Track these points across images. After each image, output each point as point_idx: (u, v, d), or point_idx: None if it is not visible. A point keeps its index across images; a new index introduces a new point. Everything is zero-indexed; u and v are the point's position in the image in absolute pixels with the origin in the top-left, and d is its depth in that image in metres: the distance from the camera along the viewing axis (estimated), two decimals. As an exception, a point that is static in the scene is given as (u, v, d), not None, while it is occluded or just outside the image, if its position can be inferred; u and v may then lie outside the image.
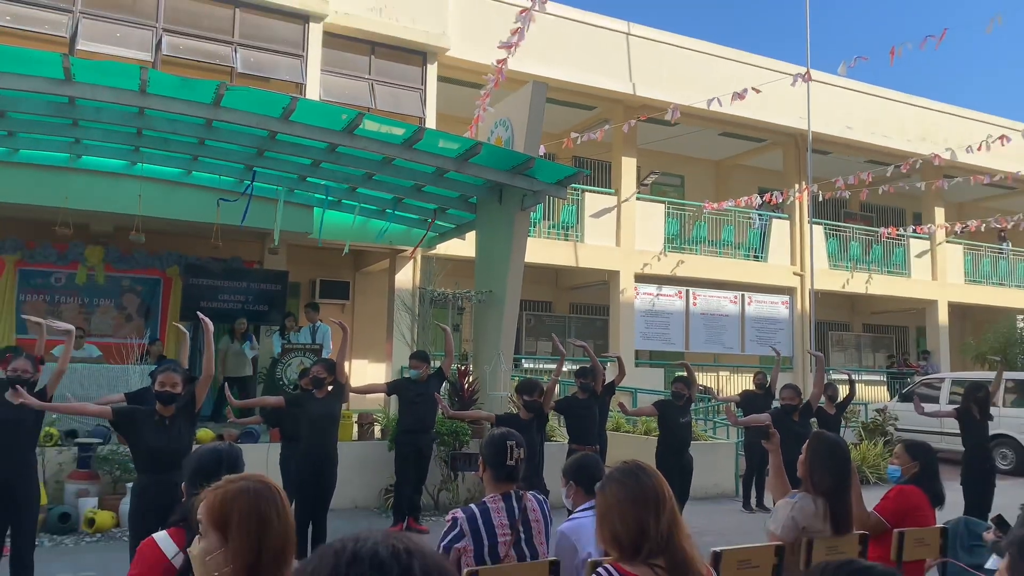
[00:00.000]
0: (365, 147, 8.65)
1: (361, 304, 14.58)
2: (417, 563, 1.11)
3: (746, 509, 9.37)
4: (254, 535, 1.83)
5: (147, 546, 2.60)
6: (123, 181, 9.86)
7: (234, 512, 1.86)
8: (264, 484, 1.91)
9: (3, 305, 10.93)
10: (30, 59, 7.02)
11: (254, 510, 1.86)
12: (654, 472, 2.49)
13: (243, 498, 1.88)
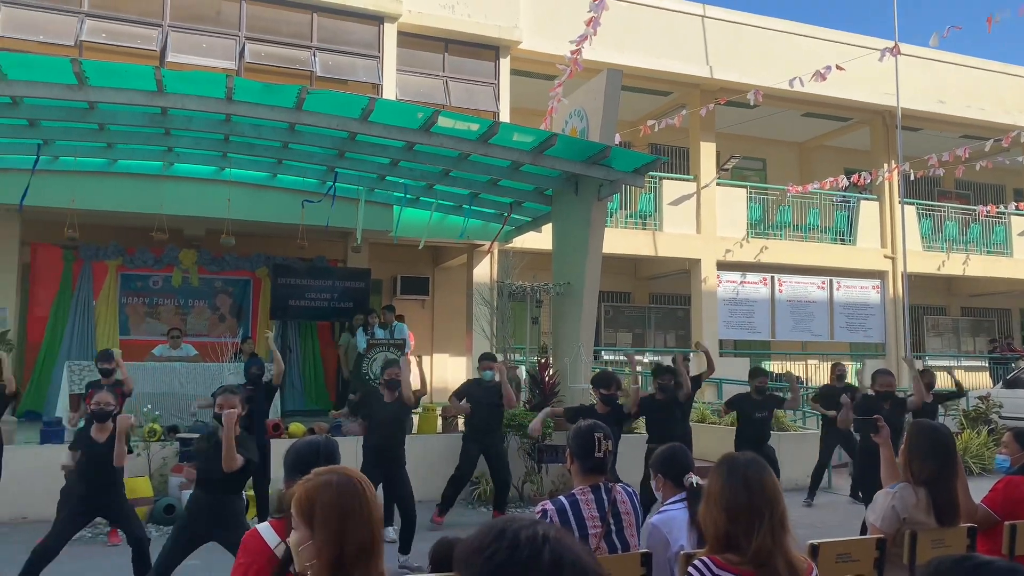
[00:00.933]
0: (441, 144, 8.75)
1: (440, 299, 14.79)
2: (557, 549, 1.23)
3: (809, 502, 9.07)
4: (336, 528, 1.86)
5: (251, 536, 2.70)
6: (213, 186, 10.28)
7: (318, 505, 1.90)
8: (349, 477, 1.94)
9: (107, 307, 11.55)
10: (125, 73, 7.37)
11: (336, 503, 1.89)
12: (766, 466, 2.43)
13: (326, 491, 1.92)
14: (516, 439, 8.86)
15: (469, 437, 7.85)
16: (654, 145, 16.30)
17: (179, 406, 9.17)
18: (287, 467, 2.76)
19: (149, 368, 9.53)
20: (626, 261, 15.48)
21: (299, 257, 12.22)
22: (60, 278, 11.41)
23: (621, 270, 15.83)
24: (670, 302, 16.86)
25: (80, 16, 10.39)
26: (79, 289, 11.46)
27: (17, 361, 10.88)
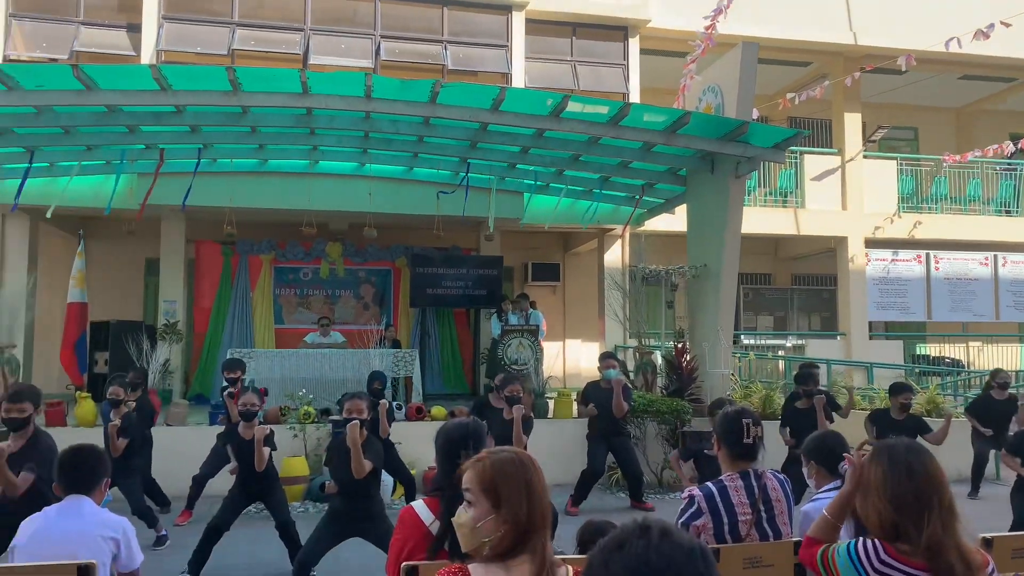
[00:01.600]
0: (571, 129, 8.73)
1: (571, 284, 14.80)
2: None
3: (973, 495, 8.39)
4: (524, 500, 1.90)
5: (408, 513, 2.82)
6: (355, 182, 10.76)
7: (504, 479, 1.94)
8: (526, 455, 1.98)
9: (263, 299, 12.37)
10: (274, 77, 7.83)
11: (521, 477, 1.93)
12: (928, 452, 2.29)
13: (511, 466, 1.96)
14: (654, 425, 8.77)
15: (593, 437, 7.83)
16: (794, 119, 15.55)
17: (330, 390, 9.69)
18: (438, 449, 2.85)
19: (302, 354, 10.14)
20: (766, 241, 14.90)
21: (435, 247, 12.60)
22: (221, 272, 12.33)
23: (761, 250, 15.26)
24: (814, 283, 16.08)
25: (231, 26, 11.12)
26: (237, 282, 12.34)
27: (185, 349, 11.87)
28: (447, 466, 2.78)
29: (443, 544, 2.73)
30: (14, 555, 2.86)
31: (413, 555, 2.74)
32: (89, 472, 3.03)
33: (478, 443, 2.81)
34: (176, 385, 11.23)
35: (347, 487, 4.63)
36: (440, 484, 2.81)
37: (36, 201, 9.80)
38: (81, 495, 2.99)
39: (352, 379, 9.97)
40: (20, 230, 11.24)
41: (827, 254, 14.59)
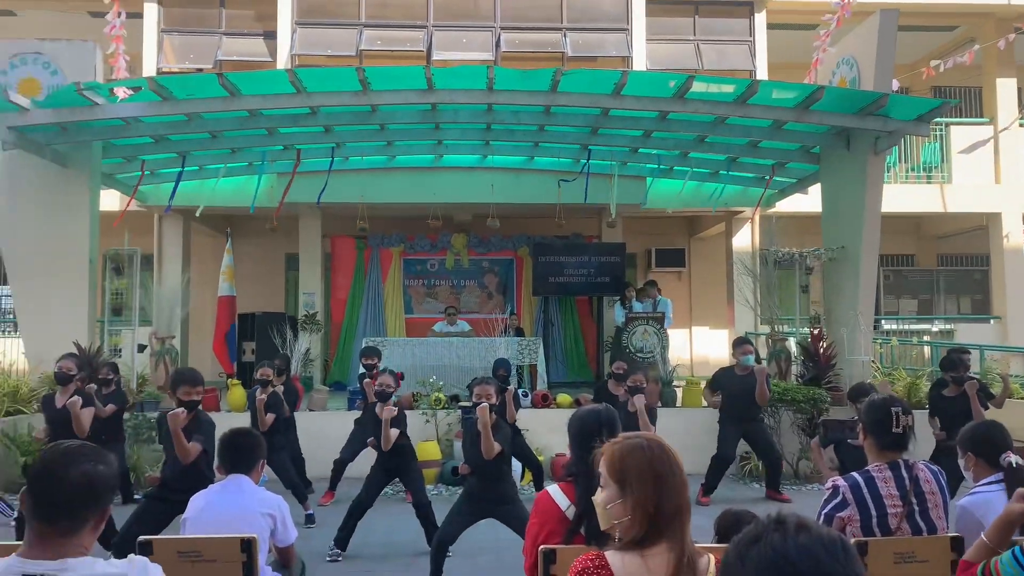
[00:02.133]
0: (696, 110, 8.51)
1: (697, 270, 14.46)
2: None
3: None
4: (650, 488, 1.90)
5: (543, 498, 2.87)
6: (477, 174, 10.96)
7: (631, 466, 1.95)
8: (659, 443, 1.97)
9: (393, 290, 12.84)
10: (400, 75, 8.08)
11: (649, 465, 1.93)
12: None
13: (638, 453, 1.96)
14: (789, 414, 8.46)
15: (726, 420, 7.62)
16: (938, 88, 14.46)
17: (458, 377, 9.94)
18: (572, 435, 2.88)
19: (431, 343, 10.45)
20: (908, 220, 14.00)
21: (557, 235, 12.63)
22: (354, 265, 12.88)
23: (902, 230, 14.35)
24: (963, 263, 14.95)
25: (359, 27, 11.55)
26: (369, 274, 12.86)
27: (324, 339, 12.49)
28: (581, 452, 2.80)
29: (579, 529, 2.76)
30: (185, 527, 3.13)
31: (549, 539, 2.78)
32: (248, 453, 3.26)
33: (611, 430, 2.81)
34: (316, 372, 11.84)
35: (480, 468, 4.75)
36: (575, 470, 2.84)
37: (187, 202, 10.59)
38: (241, 474, 3.23)
39: (479, 367, 10.18)
40: (174, 230, 12.18)
41: (977, 232, 13.55)
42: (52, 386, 8.33)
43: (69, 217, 8.96)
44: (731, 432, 7.50)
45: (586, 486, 2.78)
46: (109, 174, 9.99)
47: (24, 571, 1.78)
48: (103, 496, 1.88)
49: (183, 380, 4.67)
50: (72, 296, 8.90)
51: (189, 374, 4.76)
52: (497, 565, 5.45)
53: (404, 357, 10.18)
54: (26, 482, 1.86)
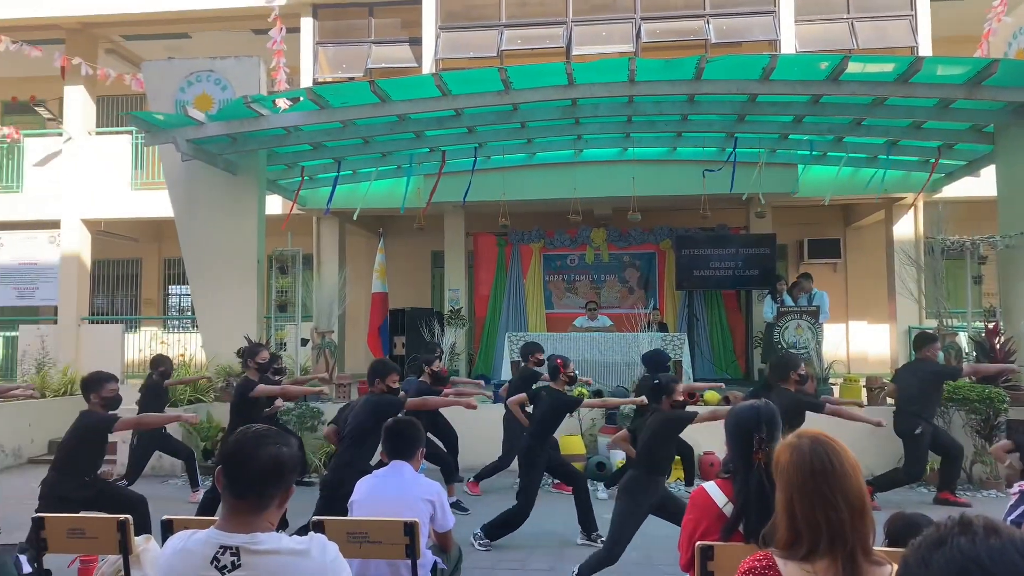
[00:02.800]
0: (852, 92, 8.06)
1: (854, 261, 13.67)
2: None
3: None
4: (799, 489, 1.82)
5: (700, 494, 2.82)
6: (618, 167, 10.88)
7: (783, 464, 1.88)
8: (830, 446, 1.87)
9: (534, 285, 12.99)
10: (541, 73, 8.15)
11: (800, 465, 1.85)
12: None
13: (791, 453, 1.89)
14: (961, 415, 7.85)
15: (923, 435, 7.10)
16: None
17: (600, 372, 9.93)
18: (729, 432, 2.81)
19: (573, 338, 10.48)
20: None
21: (701, 227, 12.32)
22: (496, 261, 13.15)
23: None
24: None
25: (499, 28, 11.75)
26: (511, 270, 13.08)
27: (468, 334, 12.83)
28: (739, 449, 2.73)
29: (737, 526, 2.70)
30: (353, 510, 3.32)
31: (706, 536, 2.74)
32: (408, 441, 3.42)
33: (771, 427, 2.73)
34: (462, 366, 12.18)
35: (641, 460, 4.71)
36: (732, 466, 2.77)
37: (343, 205, 11.20)
38: (402, 461, 3.39)
39: (621, 362, 10.12)
40: (331, 231, 12.91)
41: None
42: (227, 377, 9.07)
43: (239, 221, 9.72)
44: (925, 449, 7.05)
45: (744, 483, 2.71)
46: (273, 180, 10.73)
47: (222, 542, 1.95)
48: (287, 476, 2.03)
49: (391, 369, 5.08)
50: (242, 294, 9.64)
51: (389, 364, 5.13)
52: (645, 561, 5.40)
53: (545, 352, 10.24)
54: (220, 461, 2.05)
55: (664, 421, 4.49)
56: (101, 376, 5.04)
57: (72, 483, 4.77)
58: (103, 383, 4.98)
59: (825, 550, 1.77)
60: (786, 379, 5.75)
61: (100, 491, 4.91)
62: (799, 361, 5.98)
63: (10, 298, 13.14)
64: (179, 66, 9.93)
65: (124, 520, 3.12)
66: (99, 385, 4.97)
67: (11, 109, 15.37)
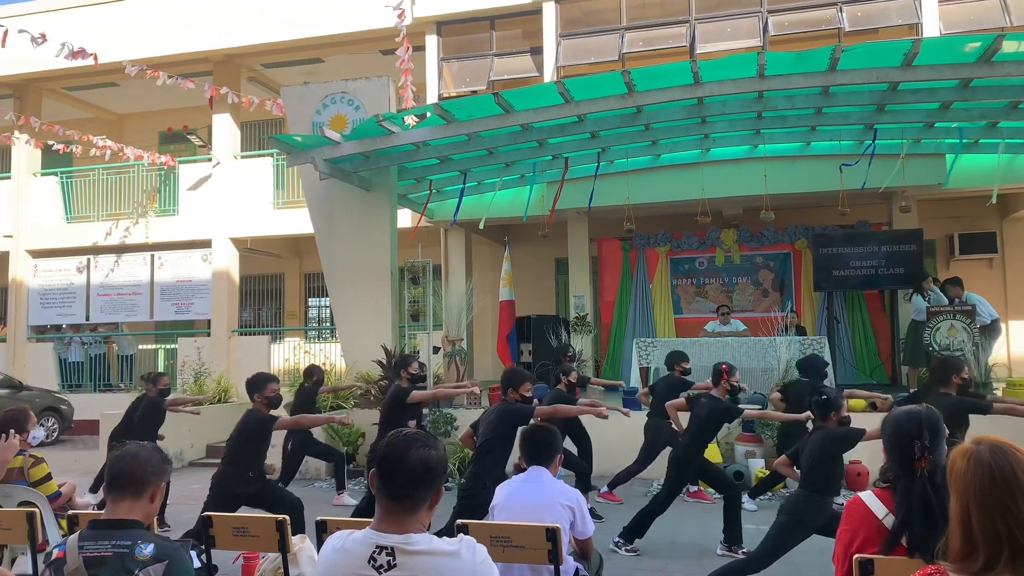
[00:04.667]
0: (1007, 73, 7.44)
1: (1013, 256, 12.63)
2: None
3: None
4: (977, 497, 1.68)
5: (856, 505, 2.67)
6: (747, 165, 10.55)
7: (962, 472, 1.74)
8: (1001, 448, 1.72)
9: (661, 290, 12.76)
10: (666, 73, 8.01)
11: (978, 472, 1.71)
12: None
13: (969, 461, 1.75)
14: None
15: None
16: None
17: (736, 378, 9.59)
18: (886, 438, 2.65)
19: (704, 343, 10.22)
20: None
21: (839, 225, 11.73)
22: (621, 267, 13.02)
23: None
24: None
25: (620, 32, 11.67)
26: (636, 275, 12.91)
27: (594, 341, 12.77)
28: (900, 457, 2.57)
29: (899, 539, 2.54)
30: (494, 514, 3.37)
31: (863, 549, 2.59)
32: (545, 447, 3.44)
33: (934, 433, 2.55)
34: (588, 373, 12.12)
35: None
36: (892, 475, 2.61)
37: (468, 216, 11.44)
38: (541, 467, 3.41)
39: (757, 368, 9.76)
40: (458, 241, 13.23)
41: None
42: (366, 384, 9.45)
43: (374, 235, 10.13)
44: None
45: (906, 493, 2.55)
46: (403, 195, 11.12)
47: (378, 542, 2.03)
48: (437, 478, 2.09)
49: (524, 378, 5.18)
50: (378, 305, 10.03)
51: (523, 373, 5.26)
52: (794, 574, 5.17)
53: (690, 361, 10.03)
54: (374, 464, 2.13)
55: (832, 439, 4.28)
56: (264, 377, 5.38)
57: (239, 478, 5.11)
58: (266, 383, 5.32)
59: (1005, 566, 1.62)
60: (947, 383, 5.37)
61: (262, 488, 5.23)
62: (962, 364, 5.56)
63: (169, 313, 14.27)
64: (315, 90, 10.48)
65: (282, 520, 3.30)
66: (262, 386, 5.31)
67: (167, 139, 16.73)
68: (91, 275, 14.59)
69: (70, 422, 12.71)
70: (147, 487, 2.44)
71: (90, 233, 14.66)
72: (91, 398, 13.46)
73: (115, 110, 17.42)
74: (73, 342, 14.64)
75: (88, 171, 15.11)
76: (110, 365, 14.75)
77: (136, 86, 14.49)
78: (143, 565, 2.29)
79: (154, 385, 7.37)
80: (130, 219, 14.53)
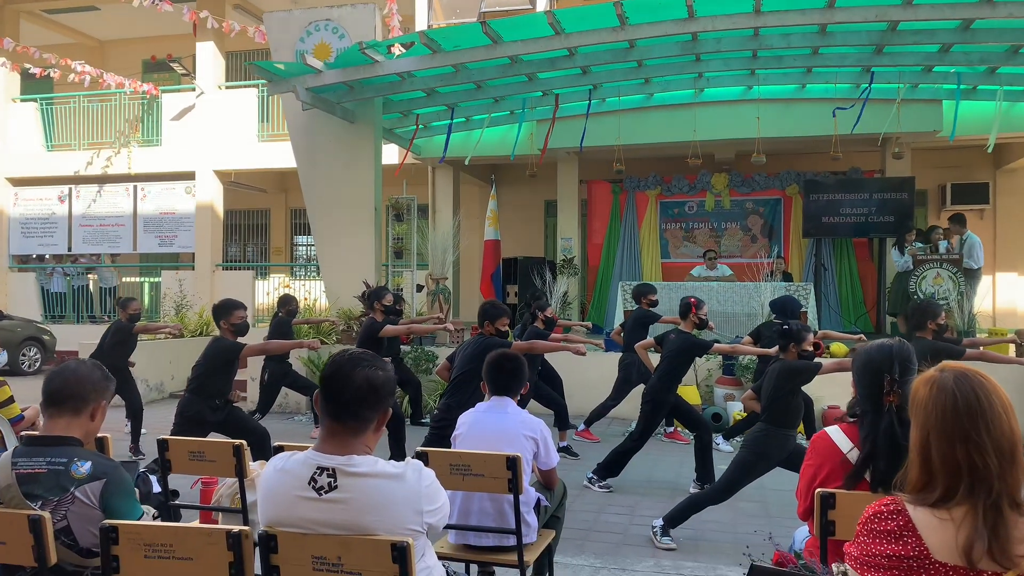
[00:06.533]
0: (1010, 14, 7.20)
1: (1005, 207, 12.54)
2: None
3: None
4: (938, 425, 1.61)
5: (821, 438, 2.62)
6: (741, 107, 10.32)
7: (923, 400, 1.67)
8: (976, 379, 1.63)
9: (649, 234, 12.63)
10: (659, 5, 7.72)
11: (941, 400, 1.63)
12: None
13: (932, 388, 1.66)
14: None
15: None
16: None
17: (719, 323, 9.56)
18: (856, 371, 2.58)
19: (690, 288, 10.11)
20: None
21: (831, 171, 11.57)
22: (610, 210, 12.86)
23: None
24: None
25: (616, -35, 11.26)
26: (625, 218, 12.75)
27: (580, 283, 12.69)
28: (867, 391, 2.50)
29: (863, 474, 2.49)
30: (455, 443, 3.31)
31: (827, 483, 2.55)
32: (511, 377, 3.36)
33: (905, 368, 2.48)
34: (574, 315, 12.09)
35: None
36: (860, 409, 2.54)
37: (457, 153, 11.22)
38: (505, 397, 3.34)
39: (741, 313, 9.71)
40: (445, 179, 13.01)
41: None
42: (348, 320, 9.37)
43: (358, 169, 9.92)
44: None
45: (872, 428, 2.48)
46: (389, 129, 10.87)
47: (319, 463, 1.95)
48: (383, 399, 2.00)
49: (501, 312, 5.29)
50: (361, 241, 9.88)
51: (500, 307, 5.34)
52: (762, 512, 5.19)
53: (661, 302, 9.99)
54: (319, 384, 2.04)
55: (787, 371, 4.22)
56: (230, 303, 5.27)
57: (204, 405, 5.06)
58: (232, 309, 5.21)
59: (964, 496, 1.56)
60: (923, 328, 5.32)
61: (229, 415, 5.18)
62: (939, 309, 5.49)
63: (152, 245, 14.09)
64: (299, 16, 10.13)
65: (239, 445, 3.24)
66: (229, 312, 5.20)
67: (150, 68, 16.27)
68: (73, 205, 14.34)
69: (52, 352, 12.63)
70: (87, 404, 2.35)
71: (71, 162, 14.36)
72: (74, 329, 13.35)
73: (97, 36, 16.90)
74: (55, 272, 14.48)
75: (69, 98, 14.72)
76: (93, 296, 14.62)
77: (118, 10, 14.03)
78: (79, 483, 2.21)
79: (124, 310, 7.26)
80: (112, 149, 14.22)
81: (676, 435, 7.58)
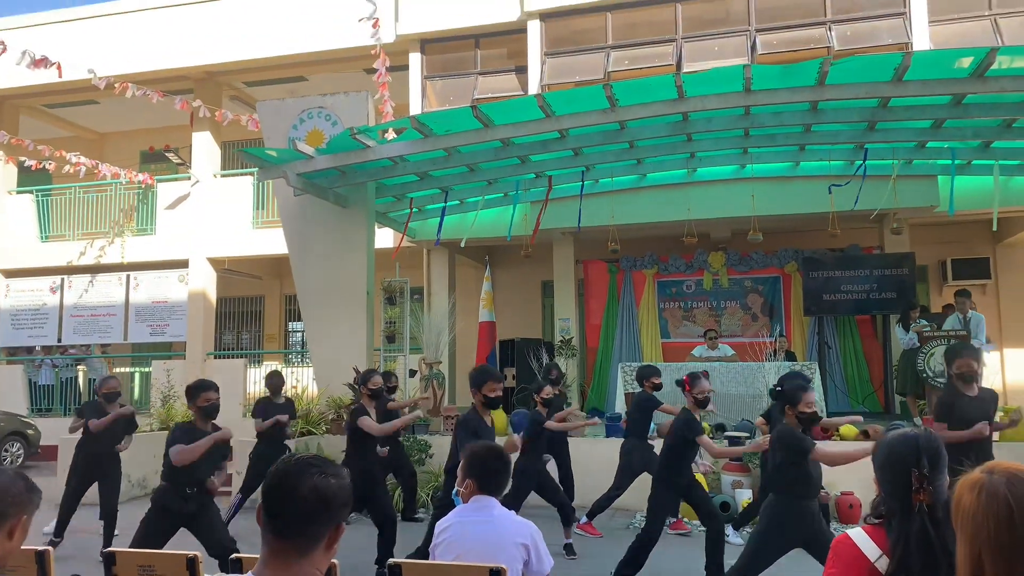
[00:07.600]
0: (1001, 88, 7.21)
1: (1008, 282, 12.36)
2: None
3: None
4: (992, 541, 1.35)
5: (844, 544, 2.31)
6: (735, 185, 10.28)
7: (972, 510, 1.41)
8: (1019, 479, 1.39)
9: (648, 313, 12.42)
10: (649, 87, 7.75)
11: (993, 510, 1.38)
12: None
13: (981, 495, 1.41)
14: None
15: None
16: None
17: (723, 404, 9.26)
18: (879, 466, 2.30)
19: (691, 368, 9.84)
20: None
21: (829, 248, 11.45)
22: (607, 289, 12.68)
23: None
24: None
25: (606, 50, 11.46)
26: (623, 298, 12.57)
27: (580, 364, 12.39)
28: (893, 488, 2.21)
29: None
30: (435, 553, 2.98)
31: (853, 595, 2.22)
32: (496, 474, 3.06)
33: (934, 460, 2.20)
34: (573, 398, 11.75)
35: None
36: (886, 510, 2.25)
37: (452, 235, 11.12)
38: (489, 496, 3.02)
39: (745, 394, 9.41)
40: (440, 261, 12.88)
41: None
42: (338, 409, 9.05)
43: (350, 253, 9.79)
44: None
45: (902, 531, 2.18)
46: (383, 212, 10.80)
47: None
48: (336, 512, 1.72)
49: (488, 376, 5.12)
50: (352, 326, 9.65)
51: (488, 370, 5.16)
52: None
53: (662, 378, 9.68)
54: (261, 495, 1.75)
55: (783, 441, 3.96)
56: (201, 385, 4.93)
57: (175, 495, 4.71)
58: (201, 391, 4.88)
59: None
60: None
61: (201, 508, 4.79)
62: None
63: (144, 335, 13.85)
64: (292, 105, 10.20)
65: (193, 557, 2.93)
66: (195, 394, 4.87)
67: (148, 158, 16.42)
68: (64, 295, 14.18)
69: (36, 447, 12.21)
70: (4, 520, 2.06)
71: (65, 252, 14.28)
72: (61, 423, 12.94)
73: (96, 128, 17.13)
74: (44, 364, 14.19)
75: (65, 189, 14.77)
76: (81, 389, 14.28)
77: (116, 104, 14.22)
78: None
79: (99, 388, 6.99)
80: (106, 238, 14.16)
81: (680, 525, 7.16)
